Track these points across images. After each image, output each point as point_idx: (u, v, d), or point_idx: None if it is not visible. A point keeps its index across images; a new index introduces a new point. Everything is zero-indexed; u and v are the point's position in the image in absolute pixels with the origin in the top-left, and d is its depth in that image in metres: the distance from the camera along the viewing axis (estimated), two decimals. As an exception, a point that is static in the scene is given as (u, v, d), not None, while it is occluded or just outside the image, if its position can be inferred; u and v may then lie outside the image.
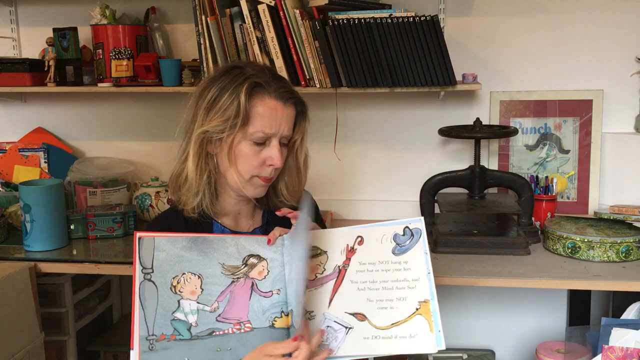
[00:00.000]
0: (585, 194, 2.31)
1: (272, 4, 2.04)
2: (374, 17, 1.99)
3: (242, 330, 1.24)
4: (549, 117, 2.31)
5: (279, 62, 2.08)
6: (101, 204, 2.33)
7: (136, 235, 1.25)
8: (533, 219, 2.14)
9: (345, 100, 2.37)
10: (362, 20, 1.99)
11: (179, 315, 1.23)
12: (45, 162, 2.49)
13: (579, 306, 2.35)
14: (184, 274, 1.25)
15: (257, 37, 2.08)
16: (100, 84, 2.30)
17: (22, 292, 1.89)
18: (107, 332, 2.56)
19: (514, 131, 2.14)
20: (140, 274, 1.23)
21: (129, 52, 2.28)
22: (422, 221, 1.32)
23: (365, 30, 2.00)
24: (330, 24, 2.00)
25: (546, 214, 2.18)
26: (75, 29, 2.35)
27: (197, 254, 1.26)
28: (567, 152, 2.32)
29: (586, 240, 1.90)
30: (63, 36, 2.32)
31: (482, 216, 2.23)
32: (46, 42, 2.36)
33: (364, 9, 2.05)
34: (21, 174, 2.48)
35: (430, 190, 2.14)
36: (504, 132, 2.17)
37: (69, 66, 2.34)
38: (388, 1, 2.22)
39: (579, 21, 2.26)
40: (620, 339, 1.68)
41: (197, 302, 1.24)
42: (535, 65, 2.30)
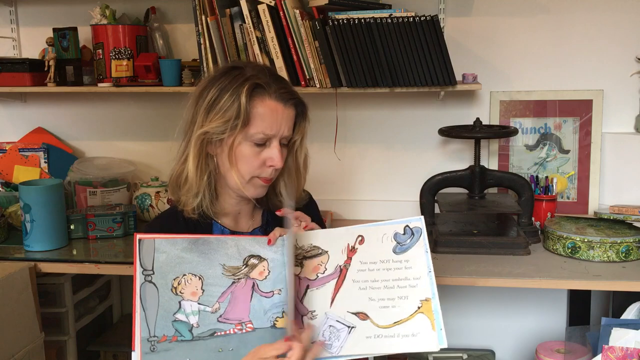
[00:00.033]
0: (585, 194, 2.31)
1: (272, 4, 2.04)
2: (374, 17, 1.99)
3: (243, 331, 1.24)
4: (549, 117, 2.31)
5: (279, 62, 2.08)
6: (101, 204, 2.33)
7: (136, 237, 1.25)
8: (533, 219, 2.14)
9: (345, 100, 2.37)
10: (362, 20, 1.99)
11: (180, 317, 1.23)
12: (45, 162, 2.49)
13: (579, 306, 2.35)
14: (184, 275, 1.25)
15: (257, 37, 2.08)
16: (100, 84, 2.30)
17: (22, 292, 1.89)
18: (107, 332, 2.56)
19: (514, 131, 2.14)
20: (140, 275, 1.23)
21: (129, 52, 2.28)
22: (422, 220, 1.32)
23: (365, 30, 2.00)
24: (330, 24, 2.00)
25: (546, 214, 2.18)
26: (75, 29, 2.35)
27: (198, 255, 1.26)
28: (567, 152, 2.32)
29: (586, 240, 1.90)
30: (63, 36, 2.32)
31: (482, 216, 2.23)
32: (46, 42, 2.36)
33: (364, 9, 2.05)
34: (21, 174, 2.48)
35: (430, 190, 2.14)
36: (504, 132, 2.17)
37: (69, 66, 2.34)
38: (388, 1, 2.22)
39: (579, 21, 2.26)
40: (620, 339, 1.68)
41: (198, 303, 1.24)
42: (535, 65, 2.30)
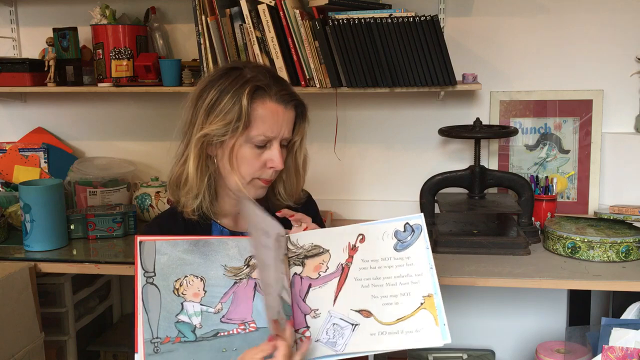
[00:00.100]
0: (585, 194, 2.31)
1: (272, 4, 2.04)
2: (374, 17, 1.99)
3: (247, 331, 1.24)
4: (549, 117, 2.31)
5: (279, 62, 2.08)
6: (101, 204, 2.33)
7: (137, 239, 1.25)
8: (533, 219, 2.14)
9: (345, 100, 2.37)
10: (362, 20, 1.99)
11: (183, 318, 1.22)
12: (45, 162, 2.49)
13: (579, 306, 2.35)
14: (186, 276, 1.25)
15: (257, 37, 2.08)
16: (100, 84, 2.30)
17: (22, 292, 1.89)
18: (107, 332, 2.56)
19: (514, 131, 2.14)
20: (142, 277, 1.23)
21: (129, 52, 2.28)
22: (422, 217, 1.33)
23: (365, 30, 2.00)
24: (330, 24, 2.00)
25: (546, 214, 2.18)
26: (75, 29, 2.34)
27: (199, 256, 1.26)
28: (567, 152, 2.32)
29: (586, 240, 1.90)
30: (63, 36, 2.32)
31: (482, 216, 2.23)
32: (46, 42, 2.36)
33: (364, 9, 2.05)
34: (21, 174, 2.48)
35: (430, 190, 2.14)
36: (504, 132, 2.17)
37: (69, 66, 2.34)
38: (388, 1, 2.22)
39: (579, 21, 2.26)
40: (620, 339, 1.68)
41: (201, 304, 1.24)
42: (535, 65, 2.30)
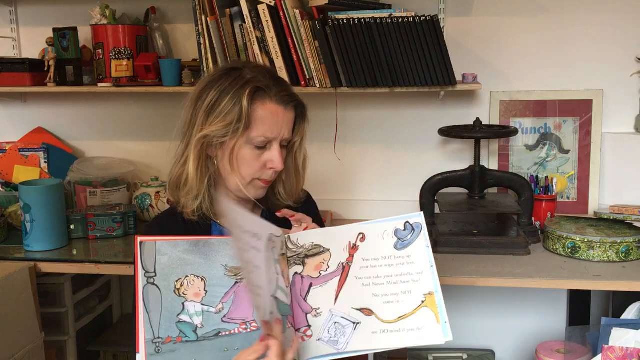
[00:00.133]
0: (585, 194, 2.31)
1: (272, 4, 2.04)
2: (374, 17, 1.99)
3: (248, 330, 1.24)
4: (549, 117, 2.31)
5: (279, 62, 2.08)
6: (101, 204, 2.33)
7: (137, 239, 1.25)
8: (533, 219, 2.14)
9: (345, 100, 2.37)
10: (362, 20, 1.99)
11: (184, 318, 1.23)
12: (45, 162, 2.49)
13: (579, 306, 2.35)
14: (187, 276, 1.25)
15: (257, 37, 2.08)
16: (100, 84, 2.30)
17: (22, 292, 1.89)
18: (107, 332, 2.56)
19: (514, 131, 2.14)
20: (143, 277, 1.23)
21: (129, 52, 2.28)
22: (422, 216, 1.33)
23: (365, 30, 2.00)
24: (330, 24, 2.00)
25: (546, 214, 2.18)
26: (75, 29, 2.34)
27: (200, 256, 1.26)
28: (567, 152, 2.32)
29: (586, 240, 1.90)
30: (63, 36, 2.32)
31: (482, 216, 2.23)
32: (46, 42, 2.36)
33: (364, 9, 2.05)
34: (21, 174, 2.48)
35: (430, 190, 2.14)
36: (504, 132, 2.17)
37: (69, 66, 2.34)
38: (388, 1, 2.22)
39: (579, 21, 2.26)
40: (620, 339, 1.68)
41: (202, 304, 1.24)
42: (535, 65, 2.30)
